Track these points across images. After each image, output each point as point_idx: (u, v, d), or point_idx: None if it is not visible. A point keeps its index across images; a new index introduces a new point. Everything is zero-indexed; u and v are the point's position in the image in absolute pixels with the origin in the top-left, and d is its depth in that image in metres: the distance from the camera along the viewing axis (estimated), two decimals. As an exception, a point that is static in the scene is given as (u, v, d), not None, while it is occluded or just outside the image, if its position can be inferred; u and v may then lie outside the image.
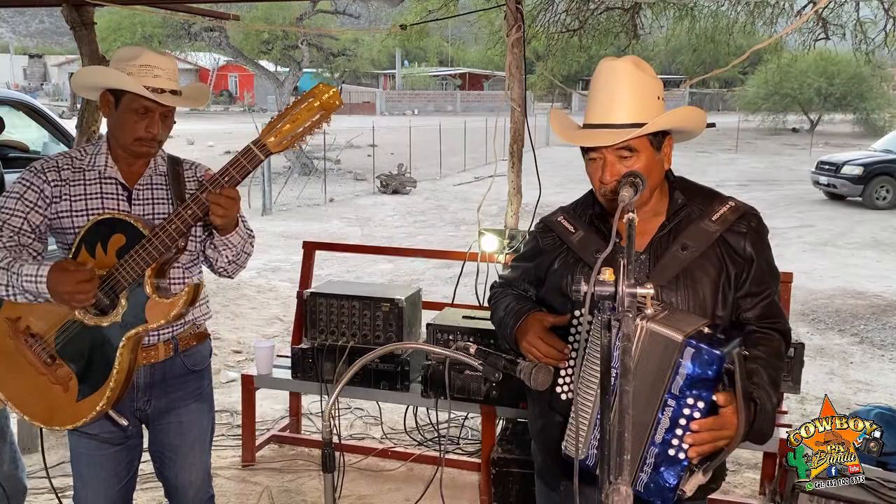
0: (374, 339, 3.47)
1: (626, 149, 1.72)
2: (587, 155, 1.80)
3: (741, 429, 1.55)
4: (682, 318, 1.59)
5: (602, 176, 1.76)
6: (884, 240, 12.54)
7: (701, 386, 1.51)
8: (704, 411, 1.53)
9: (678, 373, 1.50)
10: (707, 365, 1.48)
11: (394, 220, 14.23)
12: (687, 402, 1.52)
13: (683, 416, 1.53)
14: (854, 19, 6.47)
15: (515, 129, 3.81)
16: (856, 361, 6.60)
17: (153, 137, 2.17)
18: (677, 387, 1.52)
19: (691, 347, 1.49)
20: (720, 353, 1.48)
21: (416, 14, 7.59)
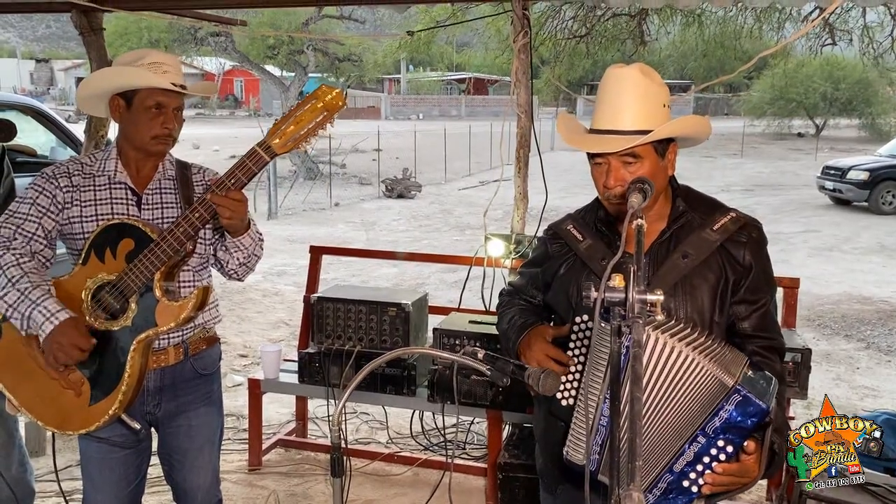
0: (381, 343, 3.47)
1: (630, 155, 1.74)
2: (593, 160, 1.82)
3: (758, 477, 1.60)
4: (729, 357, 1.61)
5: (607, 181, 1.78)
6: (890, 245, 12.50)
7: (735, 432, 1.53)
8: (730, 455, 1.55)
9: (718, 415, 1.53)
10: (749, 415, 1.51)
11: (399, 224, 14.25)
12: (717, 444, 1.55)
13: (710, 455, 1.56)
14: (861, 24, 6.47)
15: (522, 135, 3.82)
16: (862, 367, 6.58)
17: (169, 133, 2.20)
18: (712, 427, 1.54)
19: (739, 395, 1.51)
20: (766, 407, 1.51)
21: (424, 22, 7.61)
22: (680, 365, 1.56)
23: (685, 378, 1.56)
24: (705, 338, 1.62)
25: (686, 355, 1.55)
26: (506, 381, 1.88)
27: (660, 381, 1.57)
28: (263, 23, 17.14)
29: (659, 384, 1.57)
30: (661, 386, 1.58)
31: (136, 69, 2.15)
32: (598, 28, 7.10)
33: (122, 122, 2.23)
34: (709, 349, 1.59)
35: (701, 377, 1.55)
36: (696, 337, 1.60)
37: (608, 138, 1.75)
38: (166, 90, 2.16)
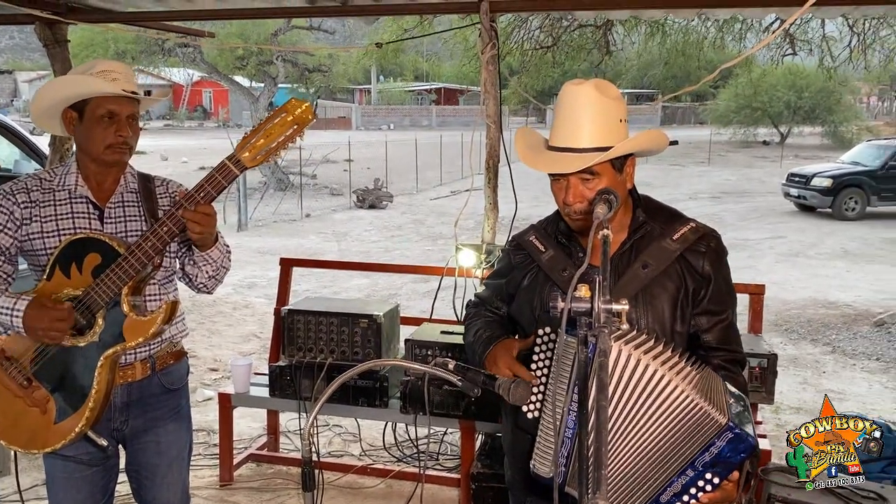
0: (353, 355, 3.46)
1: (588, 172, 1.76)
2: (552, 176, 1.84)
3: (736, 500, 1.63)
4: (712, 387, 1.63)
5: (566, 197, 1.80)
6: (852, 250, 12.76)
7: (724, 466, 1.56)
8: (716, 486, 1.58)
9: (708, 451, 1.54)
10: (739, 451, 1.54)
11: (370, 234, 14.23)
12: (705, 477, 1.57)
13: (697, 486, 1.58)
14: (820, 35, 6.64)
15: (491, 146, 3.84)
16: (828, 371, 6.70)
17: (124, 142, 2.17)
18: (702, 462, 1.56)
19: (731, 433, 1.52)
20: (754, 443, 1.54)
21: (392, 32, 7.64)
22: (651, 382, 1.56)
23: (661, 399, 1.56)
24: (671, 351, 1.63)
25: (660, 374, 1.56)
26: (476, 391, 1.88)
27: (627, 393, 1.57)
28: (232, 34, 17.05)
29: (627, 397, 1.57)
30: (631, 400, 1.58)
31: (84, 78, 2.13)
32: (564, 38, 7.19)
33: (76, 134, 2.20)
34: (682, 369, 1.60)
35: (682, 403, 1.56)
36: (663, 351, 1.61)
37: (565, 157, 1.76)
38: (118, 98, 2.13)
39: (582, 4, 3.79)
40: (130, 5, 4.15)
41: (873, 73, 8.97)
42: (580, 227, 1.84)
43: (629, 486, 1.63)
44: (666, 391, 1.55)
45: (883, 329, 7.87)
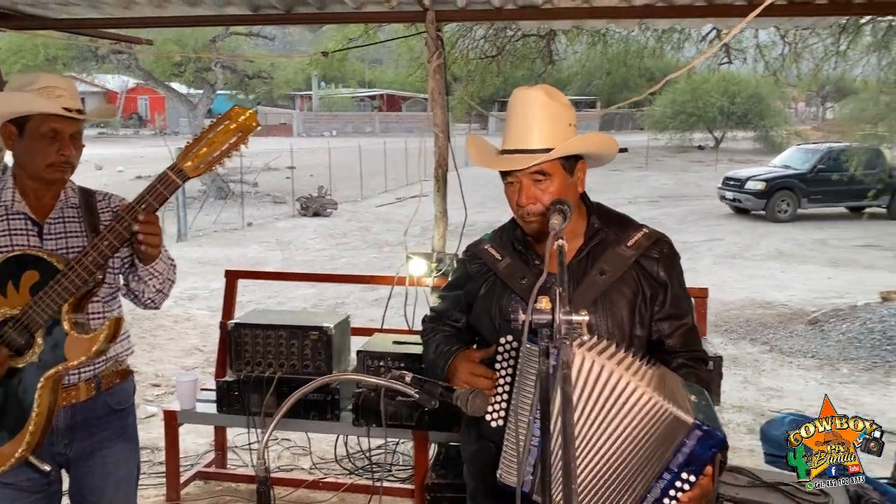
0: (303, 368, 3.40)
1: (539, 173, 1.79)
2: (505, 180, 1.86)
3: (714, 493, 1.67)
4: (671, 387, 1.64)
5: (519, 199, 1.82)
6: (786, 251, 13.22)
7: (697, 463, 1.57)
8: (693, 484, 1.60)
9: (680, 451, 1.56)
10: (710, 447, 1.56)
11: (315, 243, 14.08)
12: (681, 477, 1.59)
13: (675, 487, 1.60)
14: (754, 44, 6.89)
15: (440, 154, 3.84)
16: (767, 369, 6.91)
17: (66, 160, 2.10)
18: (676, 463, 1.57)
19: (700, 431, 1.54)
20: (722, 437, 1.56)
21: (337, 40, 7.59)
22: (616, 388, 1.58)
23: (627, 405, 1.58)
24: (632, 356, 1.66)
25: (625, 380, 1.57)
26: (434, 403, 1.87)
27: (592, 400, 1.59)
28: (169, 40, 16.67)
29: (592, 404, 1.59)
30: (597, 407, 1.59)
31: (27, 95, 2.04)
32: (508, 48, 7.28)
33: (15, 150, 2.12)
34: (641, 371, 1.63)
35: (647, 407, 1.57)
36: (624, 356, 1.64)
37: (516, 157, 1.80)
38: (61, 115, 2.06)
39: (526, 15, 3.83)
40: (65, 12, 4.01)
41: (804, 81, 9.35)
42: (535, 231, 1.85)
43: (605, 495, 1.64)
44: (632, 397, 1.57)
45: (817, 327, 8.15)
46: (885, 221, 16.42)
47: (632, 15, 3.77)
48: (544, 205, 1.79)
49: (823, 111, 44.03)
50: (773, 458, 3.63)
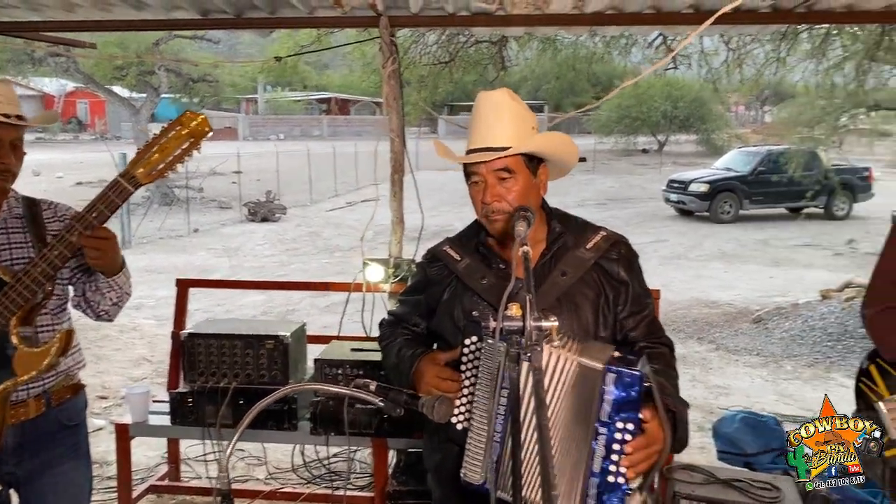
0: (259, 378, 3.35)
1: (504, 170, 1.82)
2: (470, 180, 1.88)
3: (668, 440, 1.63)
4: (592, 347, 1.67)
5: (484, 197, 1.84)
6: (729, 251, 13.58)
7: (627, 408, 1.57)
8: (634, 432, 1.59)
9: (604, 399, 1.57)
10: (629, 386, 1.56)
11: (264, 249, 13.89)
12: (617, 427, 1.58)
13: (616, 440, 1.59)
14: (698, 50, 7.09)
15: (395, 159, 3.83)
16: (714, 367, 7.08)
17: (7, 168, 2.04)
18: (605, 413, 1.58)
19: (612, 373, 1.56)
20: (640, 373, 1.56)
21: (287, 45, 7.51)
22: (561, 369, 1.62)
23: (566, 380, 1.62)
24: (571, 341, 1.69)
25: (563, 358, 1.62)
26: (399, 411, 1.86)
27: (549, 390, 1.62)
28: (111, 42, 16.24)
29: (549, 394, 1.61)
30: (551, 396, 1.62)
31: None
32: (461, 54, 7.33)
33: None
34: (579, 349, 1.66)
35: (578, 373, 1.61)
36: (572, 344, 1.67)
37: (477, 154, 1.83)
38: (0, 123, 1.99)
39: (479, 21, 3.85)
40: (5, 14, 3.88)
41: (745, 85, 9.67)
42: (500, 230, 1.87)
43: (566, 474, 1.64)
44: (564, 368, 1.61)
45: (761, 325, 8.40)
46: (822, 221, 17.03)
47: (582, 22, 3.83)
48: (509, 203, 1.82)
49: (762, 115, 45.42)
50: (725, 454, 3.73)
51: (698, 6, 3.56)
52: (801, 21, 4.48)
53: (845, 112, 11.58)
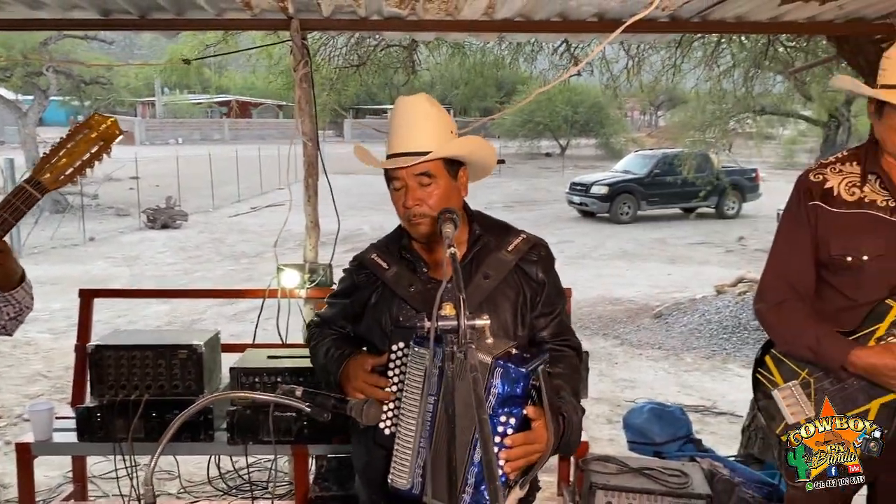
0: (172, 389, 3.24)
1: (425, 174, 1.85)
2: (392, 184, 1.90)
3: (551, 441, 1.67)
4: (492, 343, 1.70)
5: (405, 201, 1.86)
6: (629, 250, 14.13)
7: (511, 403, 1.61)
8: (516, 427, 1.63)
9: (490, 392, 1.60)
10: (515, 382, 1.59)
11: (165, 257, 13.42)
12: (500, 420, 1.62)
13: (497, 433, 1.63)
14: (600, 57, 7.37)
15: (309, 163, 3.80)
16: (619, 362, 7.36)
17: None
18: (490, 406, 1.61)
19: (500, 367, 1.59)
20: (525, 371, 1.60)
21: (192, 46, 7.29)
22: None
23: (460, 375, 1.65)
24: None
25: None
26: (326, 416, 1.86)
27: None
28: (-8, 40, 15.31)
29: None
30: None
31: None
32: (371, 57, 7.34)
33: None
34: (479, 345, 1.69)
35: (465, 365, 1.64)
36: None
37: (400, 159, 1.85)
38: None
39: (391, 25, 3.86)
40: None
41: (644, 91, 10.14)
42: (423, 234, 1.90)
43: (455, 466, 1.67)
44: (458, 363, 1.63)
45: (661, 320, 8.79)
46: (713, 220, 17.96)
47: (492, 28, 3.91)
48: (430, 207, 1.85)
49: (656, 119, 47.39)
50: (635, 444, 3.90)
51: (602, 15, 3.71)
52: (697, 30, 4.74)
53: (734, 116, 12.28)
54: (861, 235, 2.10)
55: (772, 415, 2.25)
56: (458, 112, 37.63)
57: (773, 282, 2.27)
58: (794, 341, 2.19)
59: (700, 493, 3.06)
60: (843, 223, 2.12)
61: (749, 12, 3.71)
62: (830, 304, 2.20)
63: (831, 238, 2.14)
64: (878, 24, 3.77)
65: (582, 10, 3.64)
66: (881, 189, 2.11)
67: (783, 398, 2.22)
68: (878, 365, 2.03)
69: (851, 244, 2.11)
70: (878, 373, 2.04)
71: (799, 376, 2.20)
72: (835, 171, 2.19)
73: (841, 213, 2.13)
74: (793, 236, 2.23)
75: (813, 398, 2.18)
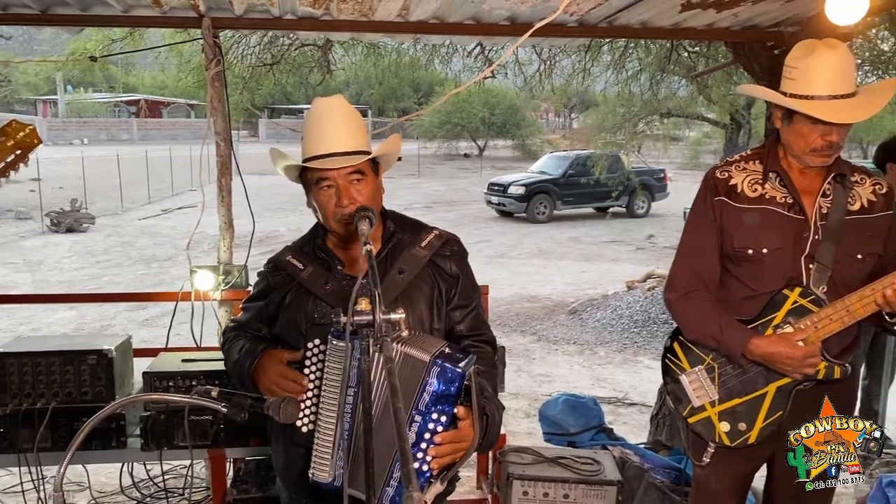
0: (81, 396, 3.13)
1: (357, 173, 1.88)
2: (318, 186, 1.90)
3: (476, 440, 1.74)
4: (426, 340, 1.74)
5: (339, 201, 1.88)
6: (546, 249, 14.44)
7: (444, 401, 1.66)
8: (446, 425, 1.68)
9: (425, 390, 1.64)
10: (450, 382, 1.64)
11: (71, 261, 12.86)
12: (432, 418, 1.66)
13: (428, 430, 1.67)
14: (514, 60, 7.54)
15: (222, 163, 3.74)
16: (537, 357, 7.53)
17: None
18: (423, 403, 1.65)
19: (437, 366, 1.64)
20: (462, 372, 1.65)
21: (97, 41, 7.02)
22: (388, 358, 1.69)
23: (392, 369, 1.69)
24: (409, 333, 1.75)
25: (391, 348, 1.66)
26: (243, 415, 1.86)
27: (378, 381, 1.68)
28: None
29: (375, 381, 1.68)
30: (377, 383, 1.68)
31: None
32: (285, 56, 7.25)
33: None
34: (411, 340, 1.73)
35: (404, 362, 1.68)
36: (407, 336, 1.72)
37: (338, 159, 1.87)
38: None
39: (305, 25, 3.85)
40: None
41: (556, 94, 10.42)
42: (351, 232, 1.91)
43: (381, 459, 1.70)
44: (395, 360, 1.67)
45: (576, 316, 9.03)
46: (625, 219, 18.56)
47: (406, 30, 3.95)
48: (363, 204, 1.86)
49: (570, 121, 48.56)
50: (550, 435, 4.01)
51: (514, 18, 3.81)
52: (604, 35, 4.91)
53: (642, 119, 12.75)
54: (761, 230, 2.25)
55: (679, 398, 2.38)
56: (375, 112, 37.55)
57: (681, 272, 2.40)
58: (699, 330, 2.33)
59: (611, 479, 3.19)
60: (745, 218, 2.27)
61: (652, 19, 3.88)
62: (733, 293, 2.34)
63: (734, 232, 2.28)
64: (770, 31, 4.01)
65: (494, 14, 3.73)
66: (780, 187, 2.27)
67: (689, 382, 2.36)
68: (774, 353, 2.19)
69: (752, 238, 2.26)
70: (773, 360, 2.20)
71: (704, 361, 2.34)
72: (739, 168, 2.33)
73: (744, 208, 2.27)
74: (700, 229, 2.37)
75: (717, 382, 2.32)
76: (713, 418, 2.32)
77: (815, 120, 2.11)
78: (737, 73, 6.60)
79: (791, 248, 2.23)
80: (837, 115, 2.09)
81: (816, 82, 2.11)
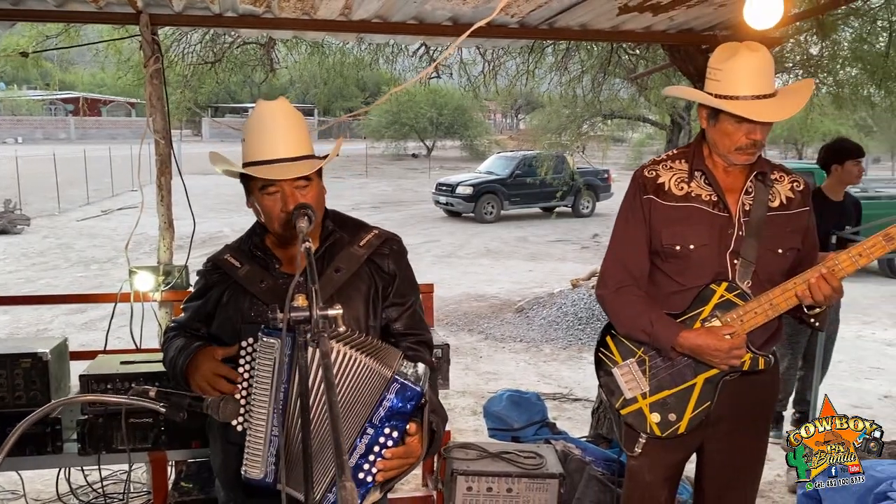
0: (15, 401, 3.05)
1: (304, 178, 1.88)
2: (264, 190, 1.90)
3: (422, 455, 1.78)
4: (384, 351, 1.77)
5: (285, 206, 1.88)
6: (493, 248, 14.56)
7: (399, 418, 1.69)
8: (396, 440, 1.71)
9: (382, 405, 1.67)
10: (408, 400, 1.68)
11: (5, 264, 12.44)
12: (384, 432, 1.69)
13: (379, 444, 1.70)
14: (458, 60, 7.59)
15: (162, 161, 3.69)
16: (484, 355, 7.60)
17: None
18: (378, 417, 1.68)
19: (397, 384, 1.67)
20: (420, 391, 1.68)
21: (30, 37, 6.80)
22: (347, 365, 1.71)
23: (351, 376, 1.71)
24: (365, 337, 1.80)
25: (352, 356, 1.71)
26: (182, 415, 1.84)
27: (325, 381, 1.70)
28: None
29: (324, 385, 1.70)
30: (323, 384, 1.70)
31: None
32: (227, 54, 7.15)
33: None
34: (367, 347, 1.76)
35: (364, 373, 1.71)
36: (356, 338, 1.77)
37: (285, 166, 1.86)
38: None
39: (246, 23, 3.82)
40: None
41: (501, 95, 10.53)
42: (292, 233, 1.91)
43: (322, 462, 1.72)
44: (351, 366, 1.70)
45: (522, 314, 9.13)
46: (571, 219, 18.84)
47: (349, 29, 3.95)
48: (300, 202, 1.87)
49: (517, 122, 49.00)
50: (495, 431, 4.06)
51: (456, 19, 3.84)
52: (545, 36, 4.99)
53: (586, 120, 12.96)
54: (688, 226, 2.33)
55: (611, 390, 2.45)
56: (321, 112, 37.24)
57: (612, 268, 2.47)
58: (630, 324, 2.40)
59: (554, 472, 3.25)
60: (672, 215, 2.35)
61: (591, 21, 3.97)
62: (662, 288, 2.42)
63: (662, 229, 2.36)
64: (705, 34, 4.14)
65: (437, 14, 3.76)
66: (706, 185, 2.35)
67: (622, 375, 2.42)
68: (702, 346, 2.27)
69: (679, 234, 2.34)
70: (701, 352, 2.28)
71: (636, 354, 2.42)
72: (666, 167, 2.41)
73: (671, 205, 2.35)
74: (629, 227, 2.44)
75: (648, 374, 2.39)
76: (644, 410, 2.39)
77: (741, 119, 2.20)
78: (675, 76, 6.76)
79: (717, 244, 2.32)
80: (762, 114, 2.18)
81: (740, 83, 2.20)
